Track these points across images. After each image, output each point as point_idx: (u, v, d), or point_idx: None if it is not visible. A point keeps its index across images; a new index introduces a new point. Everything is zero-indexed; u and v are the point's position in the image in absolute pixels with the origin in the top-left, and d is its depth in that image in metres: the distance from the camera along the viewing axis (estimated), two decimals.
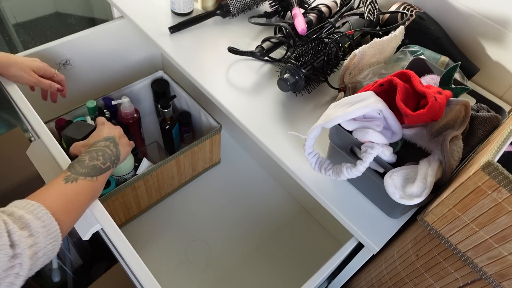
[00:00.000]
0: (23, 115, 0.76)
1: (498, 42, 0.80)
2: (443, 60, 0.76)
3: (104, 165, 0.62)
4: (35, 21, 1.97)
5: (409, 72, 0.54)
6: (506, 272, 0.43)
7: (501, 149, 0.41)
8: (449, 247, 0.48)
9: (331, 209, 0.63)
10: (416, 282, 0.59)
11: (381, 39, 0.71)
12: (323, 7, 0.89)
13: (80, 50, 1.02)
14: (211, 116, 1.02)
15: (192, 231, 1.03)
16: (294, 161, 0.66)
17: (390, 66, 0.73)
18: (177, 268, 0.96)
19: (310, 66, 0.72)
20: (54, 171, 0.68)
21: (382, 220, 0.62)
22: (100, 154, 0.63)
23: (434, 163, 0.52)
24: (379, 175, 0.56)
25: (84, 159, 0.61)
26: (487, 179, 0.38)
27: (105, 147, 0.65)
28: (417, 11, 0.83)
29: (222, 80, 0.79)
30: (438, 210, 0.46)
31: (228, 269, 0.98)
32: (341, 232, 1.01)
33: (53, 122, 0.91)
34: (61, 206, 0.52)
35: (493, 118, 0.60)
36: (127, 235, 0.64)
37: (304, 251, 1.02)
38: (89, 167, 0.60)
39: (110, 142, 0.67)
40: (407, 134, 0.57)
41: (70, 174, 0.57)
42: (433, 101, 0.50)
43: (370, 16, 0.82)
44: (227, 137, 1.25)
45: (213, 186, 1.13)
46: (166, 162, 0.92)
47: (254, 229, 1.05)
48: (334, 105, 0.56)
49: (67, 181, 0.55)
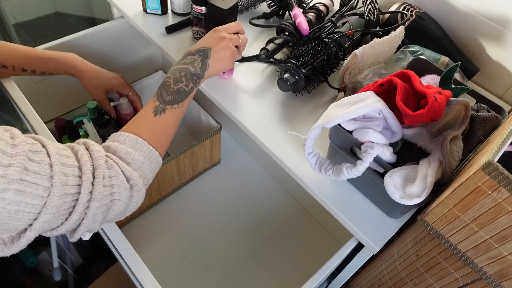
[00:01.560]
0: (23, 115, 0.76)
1: (498, 42, 0.80)
2: (443, 60, 0.76)
3: (187, 87, 0.62)
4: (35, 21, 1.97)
5: (409, 72, 0.54)
6: (506, 272, 0.43)
7: (501, 149, 0.41)
8: (449, 247, 0.48)
9: (331, 209, 0.63)
10: (416, 282, 0.59)
11: (381, 39, 0.71)
12: (321, 6, 0.89)
13: (80, 50, 1.02)
14: (211, 116, 1.02)
15: (192, 231, 1.03)
16: (294, 161, 0.66)
17: (390, 66, 0.73)
18: (177, 268, 0.96)
19: (310, 66, 0.72)
20: None
21: (382, 220, 0.62)
22: (183, 75, 0.62)
23: (434, 163, 0.52)
24: (379, 175, 0.56)
25: (169, 83, 0.60)
26: (487, 179, 0.38)
27: (190, 63, 0.63)
28: (417, 11, 0.83)
29: (222, 80, 0.79)
30: (438, 210, 0.46)
31: (228, 269, 0.98)
32: (341, 232, 1.01)
33: (53, 122, 0.91)
34: (154, 140, 0.56)
35: (493, 118, 0.60)
36: (127, 235, 0.64)
37: (304, 251, 1.02)
38: (174, 93, 0.60)
39: (199, 56, 0.65)
40: (407, 134, 0.57)
41: (158, 104, 0.58)
42: (433, 101, 0.50)
43: (370, 16, 0.82)
44: (227, 137, 1.25)
45: (213, 186, 1.13)
46: (166, 162, 0.92)
47: (254, 229, 1.05)
48: (334, 105, 0.56)
49: (156, 114, 0.58)
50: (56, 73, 0.83)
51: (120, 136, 0.54)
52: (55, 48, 0.96)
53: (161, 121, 0.58)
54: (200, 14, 0.78)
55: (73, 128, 0.85)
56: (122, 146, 0.52)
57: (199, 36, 0.84)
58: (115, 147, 0.52)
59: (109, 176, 0.48)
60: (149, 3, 0.89)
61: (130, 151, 0.52)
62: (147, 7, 0.90)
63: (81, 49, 1.02)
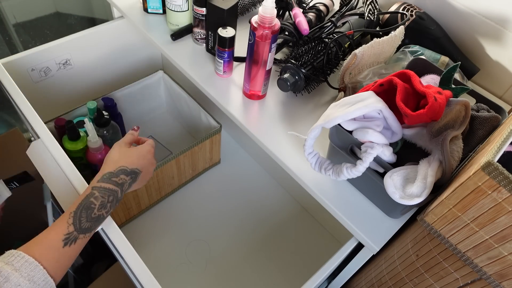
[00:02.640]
0: (23, 115, 0.76)
1: (498, 42, 0.80)
2: (443, 60, 0.76)
3: (106, 214, 0.56)
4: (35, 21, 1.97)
5: (409, 72, 0.54)
6: (506, 272, 0.43)
7: (501, 149, 0.41)
8: (449, 247, 0.48)
9: (331, 209, 0.63)
10: (416, 282, 0.59)
11: (381, 39, 0.71)
12: (321, 6, 0.89)
13: (80, 50, 1.02)
14: (211, 116, 1.02)
15: (192, 231, 1.03)
16: (294, 161, 0.66)
17: (390, 66, 0.73)
18: (177, 268, 0.96)
19: (310, 66, 0.72)
20: (54, 171, 0.68)
21: (382, 220, 0.62)
22: (111, 200, 0.56)
23: (434, 163, 0.52)
24: (379, 175, 0.56)
25: (94, 206, 0.54)
26: (487, 179, 0.38)
27: (121, 186, 0.58)
28: (417, 11, 0.83)
29: (222, 80, 0.79)
30: (438, 210, 0.46)
31: (228, 269, 0.98)
32: (341, 232, 1.01)
33: (53, 122, 0.91)
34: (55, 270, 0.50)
35: (493, 118, 0.60)
36: (127, 235, 0.64)
37: (304, 251, 1.02)
38: (93, 220, 0.54)
39: (130, 178, 0.60)
40: (407, 134, 0.57)
41: (72, 231, 0.52)
42: (433, 101, 0.50)
43: (370, 16, 0.82)
44: (227, 137, 1.25)
45: (213, 186, 1.13)
46: (166, 162, 0.92)
47: (254, 229, 1.05)
48: (334, 105, 0.57)
49: (66, 243, 0.51)
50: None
51: (18, 258, 0.47)
52: (55, 47, 0.96)
53: (69, 252, 0.52)
54: (201, 15, 0.78)
55: (73, 128, 0.85)
56: (14, 275, 0.46)
57: (200, 37, 0.84)
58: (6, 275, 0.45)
59: None
60: (150, 2, 0.89)
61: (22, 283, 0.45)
62: (148, 6, 0.90)
63: (81, 49, 1.02)
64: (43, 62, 0.96)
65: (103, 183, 0.56)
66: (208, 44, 0.82)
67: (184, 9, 0.82)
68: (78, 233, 0.52)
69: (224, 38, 0.71)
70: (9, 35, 1.87)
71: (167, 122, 1.26)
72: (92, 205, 0.54)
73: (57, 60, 0.99)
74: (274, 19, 0.64)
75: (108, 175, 0.57)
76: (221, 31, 0.72)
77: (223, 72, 0.78)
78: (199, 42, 0.85)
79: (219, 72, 0.78)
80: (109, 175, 0.57)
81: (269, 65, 0.70)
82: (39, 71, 0.96)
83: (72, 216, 0.52)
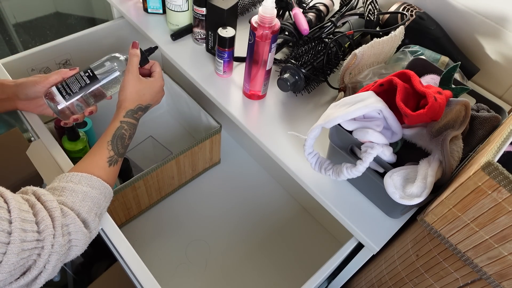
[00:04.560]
0: (23, 115, 0.76)
1: (498, 42, 0.80)
2: (443, 60, 0.76)
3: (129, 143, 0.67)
4: (35, 21, 1.97)
5: (409, 72, 0.54)
6: (506, 272, 0.43)
7: (501, 149, 0.41)
8: (449, 247, 0.48)
9: (331, 209, 0.63)
10: (416, 282, 0.59)
11: (381, 39, 0.71)
12: (321, 5, 0.89)
13: (80, 50, 1.02)
14: (211, 116, 1.02)
15: (192, 231, 1.03)
16: (294, 161, 0.66)
17: (390, 66, 0.73)
18: (177, 268, 0.96)
19: (310, 66, 0.72)
20: (54, 171, 0.68)
21: (382, 220, 0.62)
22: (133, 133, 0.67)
23: (434, 163, 0.52)
24: (379, 175, 0.56)
25: (125, 136, 0.64)
26: (487, 179, 0.38)
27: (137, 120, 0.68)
28: (417, 11, 0.83)
29: (222, 79, 0.79)
30: (438, 210, 0.46)
31: (228, 269, 0.98)
32: (341, 232, 1.01)
33: (53, 122, 0.91)
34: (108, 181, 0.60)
35: (493, 118, 0.60)
36: (127, 235, 0.64)
37: (304, 251, 1.02)
38: (125, 147, 0.65)
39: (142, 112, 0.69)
40: (407, 134, 0.57)
41: (113, 155, 0.62)
42: (433, 101, 0.50)
43: (370, 16, 0.82)
44: (227, 137, 1.25)
45: (213, 186, 1.13)
46: (166, 162, 0.92)
47: (254, 229, 1.05)
48: (334, 105, 0.56)
49: (110, 164, 0.61)
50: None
51: (74, 176, 0.56)
52: (55, 47, 0.96)
53: (114, 170, 0.62)
54: (201, 15, 0.78)
55: (72, 128, 0.85)
56: (77, 186, 0.54)
57: (200, 37, 0.84)
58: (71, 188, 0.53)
59: (66, 224, 0.49)
60: (150, 2, 0.89)
61: (87, 190, 0.55)
62: (148, 6, 0.90)
63: (81, 49, 1.02)
64: (43, 62, 0.96)
65: (128, 118, 0.66)
66: (208, 44, 0.82)
67: (184, 9, 0.82)
68: (117, 157, 0.63)
69: (224, 38, 0.71)
70: (9, 35, 1.88)
71: (167, 122, 1.26)
72: (124, 136, 0.64)
73: (57, 60, 0.99)
74: (274, 19, 0.64)
75: (130, 112, 0.67)
76: (221, 31, 0.72)
77: (223, 72, 0.78)
78: (199, 42, 0.85)
79: (219, 72, 0.78)
80: (131, 112, 0.67)
81: (269, 65, 0.70)
82: (39, 71, 0.96)
83: (110, 144, 0.62)
